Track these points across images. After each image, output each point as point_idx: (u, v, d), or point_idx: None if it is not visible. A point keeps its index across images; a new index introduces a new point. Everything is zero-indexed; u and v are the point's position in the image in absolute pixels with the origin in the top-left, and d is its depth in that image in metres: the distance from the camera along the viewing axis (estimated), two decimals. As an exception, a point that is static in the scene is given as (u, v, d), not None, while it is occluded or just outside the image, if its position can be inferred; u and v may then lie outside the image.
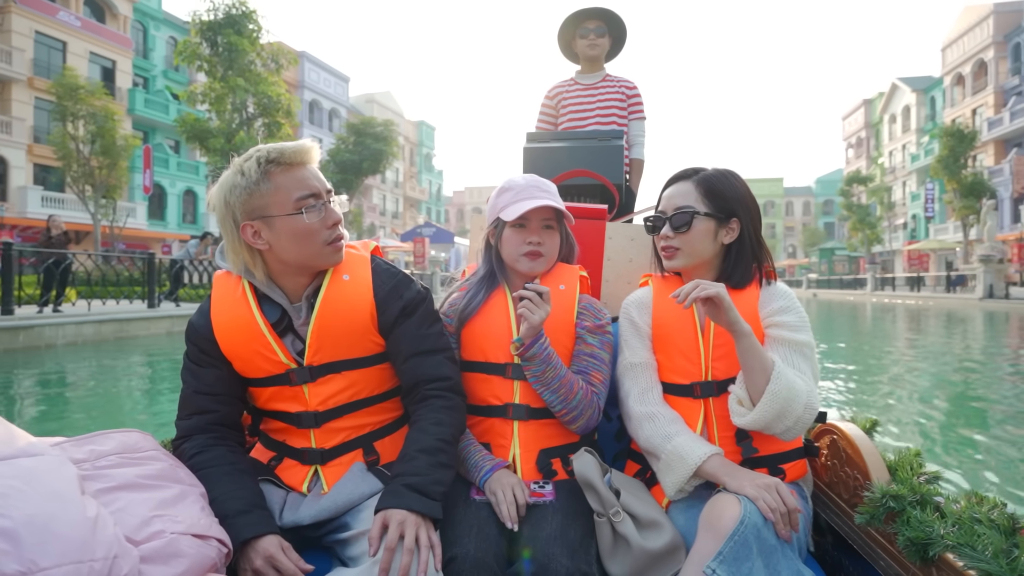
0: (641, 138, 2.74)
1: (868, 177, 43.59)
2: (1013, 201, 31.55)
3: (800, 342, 1.35)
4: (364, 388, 1.35)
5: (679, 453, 1.30)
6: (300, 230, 1.24)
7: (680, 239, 1.44)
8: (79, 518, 0.91)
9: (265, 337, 1.29)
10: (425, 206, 58.15)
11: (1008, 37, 34.68)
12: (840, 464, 1.48)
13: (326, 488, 1.32)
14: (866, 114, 54.45)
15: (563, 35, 2.71)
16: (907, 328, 15.30)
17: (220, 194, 1.27)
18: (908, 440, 4.88)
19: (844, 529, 1.45)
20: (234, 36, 17.60)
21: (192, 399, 1.32)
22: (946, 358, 9.78)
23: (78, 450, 1.10)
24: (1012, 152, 32.28)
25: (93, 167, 20.01)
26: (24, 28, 23.95)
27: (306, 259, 1.28)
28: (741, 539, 1.09)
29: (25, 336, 9.44)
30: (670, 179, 1.51)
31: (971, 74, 37.65)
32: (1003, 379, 8.07)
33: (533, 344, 1.37)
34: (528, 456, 1.42)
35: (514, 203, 1.48)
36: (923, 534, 1.14)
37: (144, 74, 30.50)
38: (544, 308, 1.35)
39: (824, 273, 47.55)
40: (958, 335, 13.32)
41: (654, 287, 1.56)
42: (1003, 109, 33.70)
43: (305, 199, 1.24)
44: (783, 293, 1.43)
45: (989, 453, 4.74)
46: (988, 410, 6.24)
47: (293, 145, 1.26)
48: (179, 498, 1.10)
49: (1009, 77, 34.86)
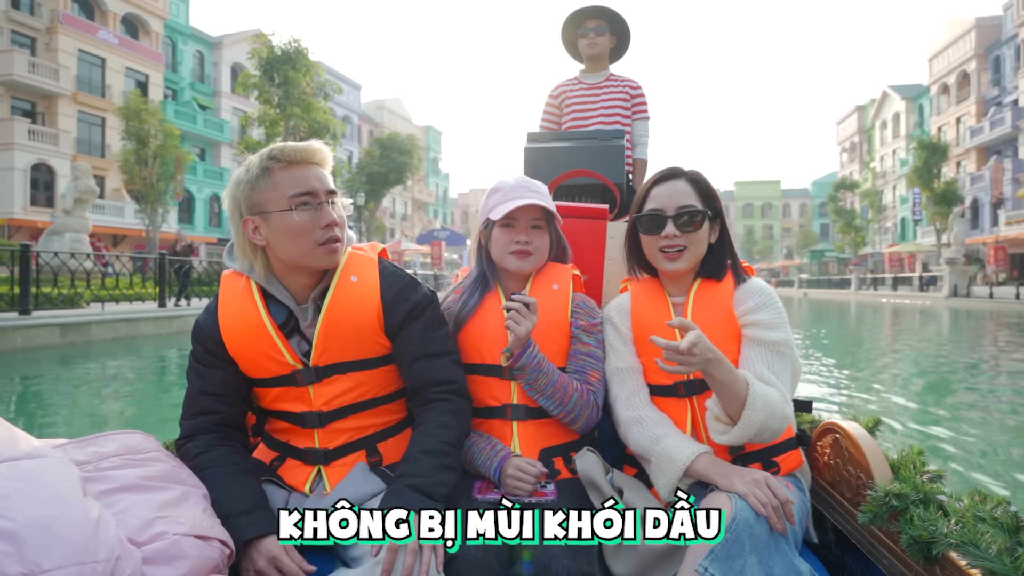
0: (645, 138, 2.67)
1: (855, 183, 44.36)
2: (992, 206, 32.25)
3: (776, 341, 1.31)
4: (369, 389, 1.33)
5: (668, 455, 1.28)
6: (291, 228, 1.22)
7: (687, 238, 1.39)
8: (81, 520, 0.89)
9: (271, 337, 1.27)
10: (432, 208, 58.75)
11: (989, 50, 35.28)
12: (843, 463, 1.44)
13: (328, 489, 1.29)
14: (859, 120, 55.09)
15: (566, 34, 2.66)
16: (879, 322, 17.54)
17: (228, 189, 1.27)
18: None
19: (847, 528, 1.41)
20: (291, 71, 20.48)
21: (196, 399, 1.30)
22: (899, 344, 11.96)
23: (80, 452, 1.08)
24: (992, 159, 33.05)
25: (153, 180, 22.02)
26: (69, 47, 24.98)
27: (299, 258, 1.25)
28: (733, 536, 1.07)
29: (178, 323, 11.89)
30: (657, 177, 1.46)
31: (955, 84, 38.25)
32: (944, 362, 9.56)
33: (522, 355, 1.33)
34: (529, 456, 1.39)
35: (502, 203, 1.46)
36: (926, 533, 1.11)
37: (173, 86, 31.45)
38: (530, 319, 1.32)
39: (815, 273, 48.76)
40: (917, 327, 15.58)
41: (632, 291, 1.52)
42: (984, 118, 34.43)
43: (299, 197, 1.22)
44: (758, 290, 1.38)
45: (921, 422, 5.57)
46: (937, 386, 7.45)
47: (298, 144, 1.24)
48: (181, 499, 1.08)
49: (990, 88, 35.47)
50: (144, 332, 11.32)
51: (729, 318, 1.37)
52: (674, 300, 1.45)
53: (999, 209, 31.74)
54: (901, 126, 47.03)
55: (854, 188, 44.87)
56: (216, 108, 34.11)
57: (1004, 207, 31.38)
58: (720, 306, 1.39)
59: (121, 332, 10.83)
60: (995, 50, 35.42)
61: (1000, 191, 31.81)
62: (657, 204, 1.42)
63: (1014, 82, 33.15)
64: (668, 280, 1.47)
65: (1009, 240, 30.05)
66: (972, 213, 34.12)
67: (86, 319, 10.32)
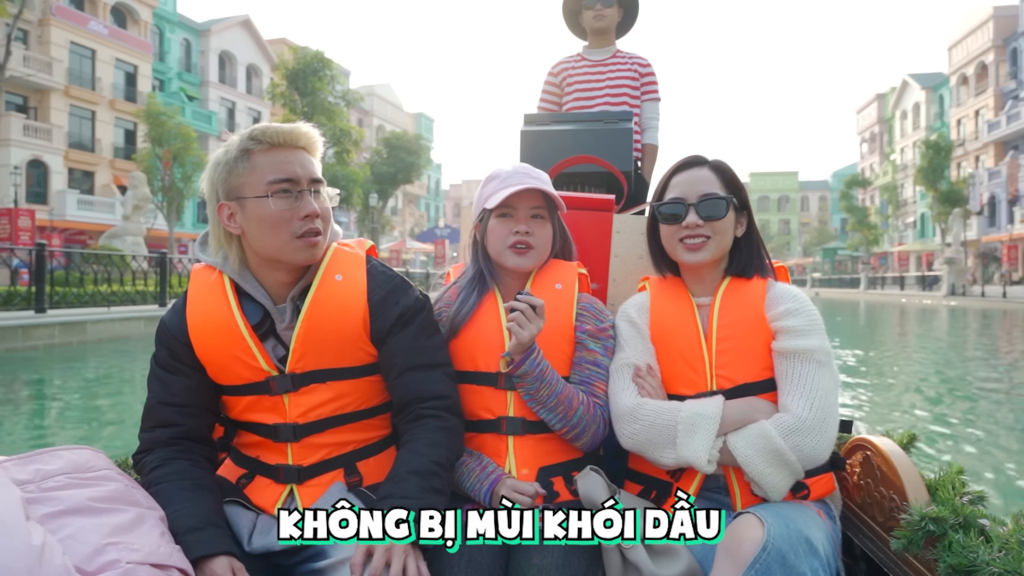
0: (655, 121, 2.64)
1: (866, 180, 47.55)
2: (1008, 203, 34.82)
3: (809, 349, 1.31)
4: (351, 401, 1.33)
5: (696, 411, 1.30)
6: (267, 216, 1.22)
7: (711, 227, 1.39)
8: (23, 547, 0.87)
9: (244, 340, 1.26)
10: (424, 201, 60.39)
11: (1007, 41, 37.90)
12: (874, 483, 1.44)
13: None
14: (879, 109, 57.42)
15: (568, 6, 2.64)
16: (885, 321, 21.31)
17: (207, 171, 1.27)
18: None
19: (879, 555, 1.41)
20: (317, 82, 25.13)
21: (156, 410, 1.29)
22: (892, 342, 14.52)
23: (22, 470, 1.06)
24: (1008, 154, 35.67)
25: (172, 181, 24.62)
26: (61, 39, 27.22)
27: (274, 251, 1.25)
28: (763, 567, 1.07)
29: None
30: (678, 165, 1.47)
31: (974, 75, 40.90)
32: (934, 351, 12.12)
33: (524, 361, 1.32)
34: (526, 475, 1.38)
35: (499, 190, 1.45)
36: (966, 560, 1.11)
37: (161, 76, 33.64)
38: (536, 323, 1.31)
39: (827, 272, 52.25)
40: (916, 323, 19.37)
41: (652, 290, 1.53)
42: (1001, 112, 36.98)
43: (278, 183, 1.22)
44: (792, 295, 1.39)
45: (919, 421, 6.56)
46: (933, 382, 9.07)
47: (283, 126, 1.25)
48: (136, 523, 1.06)
49: (1008, 80, 38.05)
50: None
51: (760, 321, 1.38)
52: (699, 301, 1.46)
53: (1015, 206, 34.35)
54: (921, 117, 49.53)
55: (866, 185, 47.91)
56: (204, 99, 36.32)
57: (1020, 204, 33.92)
58: (751, 308, 1.39)
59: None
60: (1012, 42, 38.04)
61: (1016, 187, 34.39)
62: (678, 193, 1.44)
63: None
64: (692, 278, 1.48)
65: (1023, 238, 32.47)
66: (990, 210, 36.87)
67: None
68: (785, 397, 1.31)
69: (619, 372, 1.44)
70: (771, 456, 1.25)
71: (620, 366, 1.45)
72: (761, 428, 1.27)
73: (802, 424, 1.26)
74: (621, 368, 1.44)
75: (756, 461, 1.25)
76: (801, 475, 1.28)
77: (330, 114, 25.62)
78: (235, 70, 38.31)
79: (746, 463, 1.26)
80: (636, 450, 1.38)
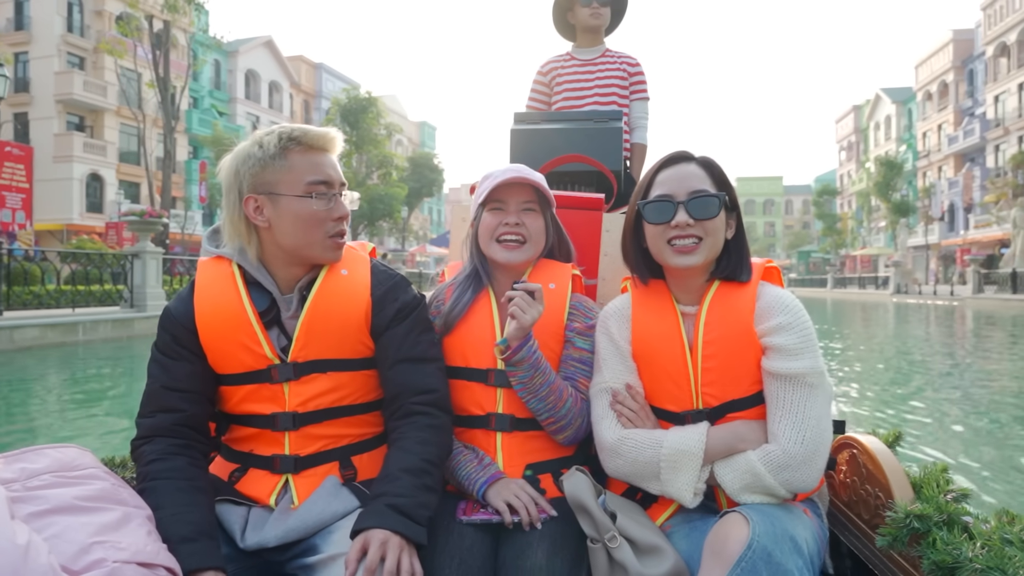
0: (644, 120, 2.67)
1: (836, 189, 51.79)
2: (964, 210, 38.37)
3: (802, 372, 1.24)
4: (349, 393, 1.36)
5: (678, 448, 1.26)
6: (305, 215, 1.27)
7: (702, 227, 1.32)
8: (8, 546, 0.87)
9: (251, 326, 1.29)
10: (427, 205, 63.34)
11: (965, 63, 41.43)
12: (860, 481, 1.44)
13: (296, 502, 1.29)
14: (855, 120, 60.80)
15: (560, 3, 2.65)
16: (846, 313, 25.30)
17: (232, 162, 1.29)
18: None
19: (864, 552, 1.42)
20: (365, 118, 30.38)
21: (158, 395, 1.30)
22: (849, 330, 17.34)
23: (7, 469, 1.05)
24: (966, 166, 39.37)
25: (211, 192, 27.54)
26: (112, 64, 30.38)
27: (304, 247, 1.30)
28: (749, 565, 1.06)
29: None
30: (664, 161, 1.40)
31: (937, 93, 44.45)
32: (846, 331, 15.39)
33: (521, 347, 1.34)
34: (513, 472, 1.40)
35: (491, 185, 1.48)
36: (950, 557, 1.12)
37: (194, 95, 36.64)
38: (536, 308, 1.33)
39: (802, 273, 57.21)
40: (861, 314, 23.69)
41: (633, 296, 1.45)
42: (959, 128, 40.59)
43: (317, 184, 1.27)
44: (784, 305, 1.30)
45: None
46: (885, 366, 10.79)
47: (317, 129, 1.29)
48: (122, 522, 1.05)
49: (965, 98, 41.58)
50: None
51: (749, 334, 1.31)
52: (684, 310, 1.39)
53: (969, 213, 38.03)
54: (892, 129, 53.16)
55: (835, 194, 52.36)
56: (232, 114, 39.49)
57: (974, 211, 37.54)
58: (739, 319, 1.32)
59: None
60: (970, 63, 41.64)
61: (970, 196, 38.07)
62: (665, 190, 1.35)
63: (984, 95, 39.28)
64: (677, 284, 1.40)
65: (975, 242, 36.16)
66: (950, 216, 40.46)
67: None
68: (775, 424, 1.26)
69: (598, 398, 1.41)
70: (759, 489, 1.23)
71: (599, 391, 1.41)
72: (749, 463, 1.23)
73: (791, 460, 1.22)
74: (600, 394, 1.41)
75: (744, 494, 1.24)
76: (790, 498, 1.26)
77: (376, 143, 30.79)
78: (259, 87, 41.38)
79: (733, 494, 1.25)
80: (623, 480, 1.37)
